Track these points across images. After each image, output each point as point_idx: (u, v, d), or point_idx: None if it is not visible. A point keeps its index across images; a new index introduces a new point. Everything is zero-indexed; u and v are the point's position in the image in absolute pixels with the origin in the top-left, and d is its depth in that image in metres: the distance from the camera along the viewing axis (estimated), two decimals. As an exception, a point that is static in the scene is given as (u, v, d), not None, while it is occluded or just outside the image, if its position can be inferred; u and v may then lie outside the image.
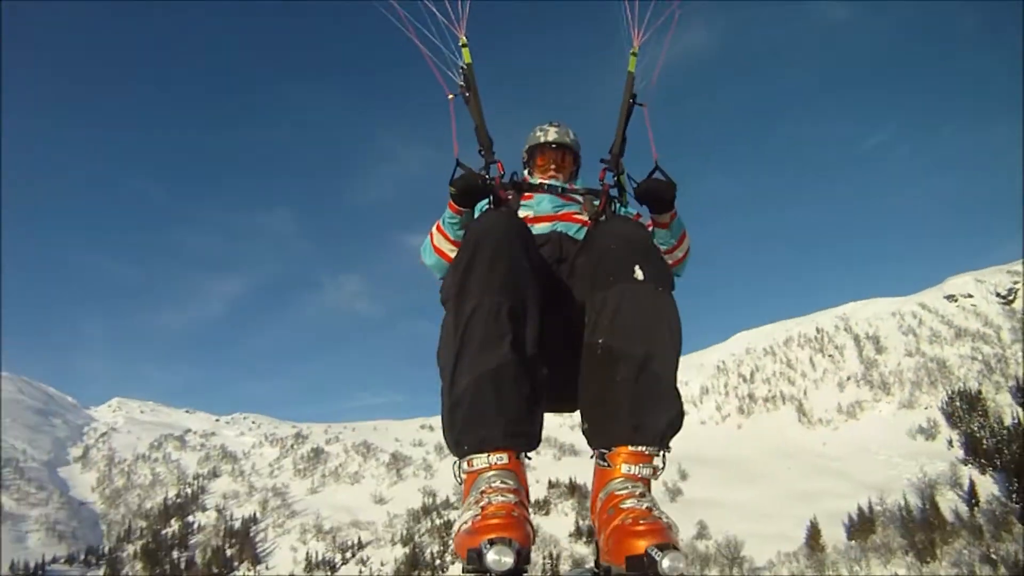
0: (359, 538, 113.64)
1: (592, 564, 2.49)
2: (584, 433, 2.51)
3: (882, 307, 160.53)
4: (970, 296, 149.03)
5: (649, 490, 2.33)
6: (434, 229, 3.30)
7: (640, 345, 2.46)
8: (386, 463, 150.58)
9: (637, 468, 2.33)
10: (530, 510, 2.25)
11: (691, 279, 3.52)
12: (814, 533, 76.18)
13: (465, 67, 3.44)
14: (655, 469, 2.37)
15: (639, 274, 2.55)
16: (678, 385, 2.51)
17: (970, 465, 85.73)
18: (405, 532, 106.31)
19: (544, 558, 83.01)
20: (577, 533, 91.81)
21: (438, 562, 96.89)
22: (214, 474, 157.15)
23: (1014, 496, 68.82)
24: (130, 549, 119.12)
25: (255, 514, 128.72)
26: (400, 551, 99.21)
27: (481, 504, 2.08)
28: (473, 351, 2.32)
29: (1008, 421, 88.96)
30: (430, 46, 3.40)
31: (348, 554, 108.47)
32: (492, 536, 1.89)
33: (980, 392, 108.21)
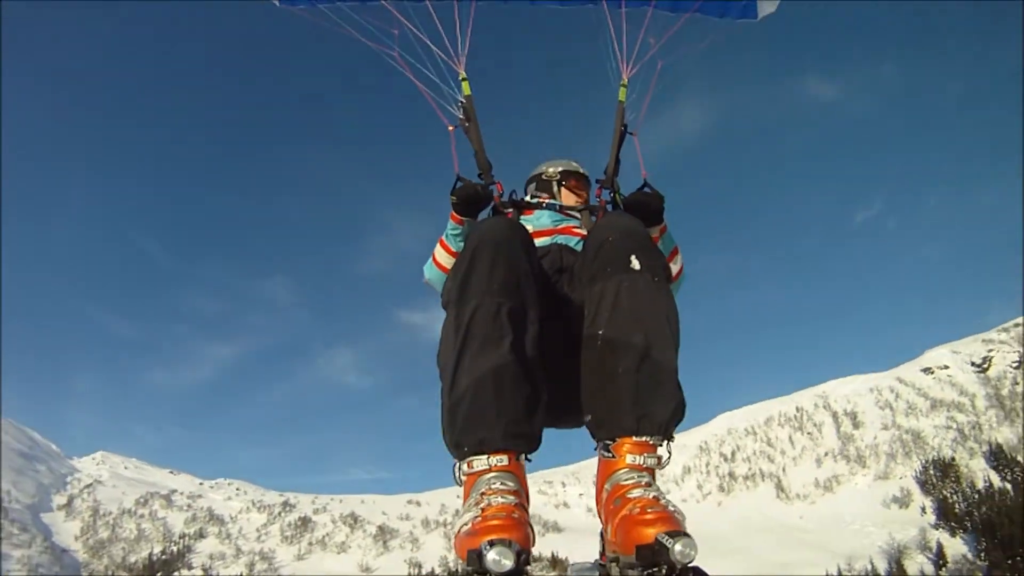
0: None
1: (596, 558, 2.66)
2: (587, 425, 2.57)
3: (860, 384, 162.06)
4: (946, 367, 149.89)
5: (654, 479, 2.36)
6: (437, 245, 3.41)
7: (640, 335, 2.49)
8: (373, 535, 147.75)
9: (642, 458, 2.35)
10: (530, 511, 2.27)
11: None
12: None
13: (465, 100, 3.62)
14: (659, 459, 2.39)
15: (636, 264, 2.62)
16: (678, 375, 2.55)
17: (940, 529, 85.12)
18: None
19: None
20: None
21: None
22: (200, 535, 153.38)
23: (981, 555, 68.55)
24: None
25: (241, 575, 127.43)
26: None
27: (481, 505, 2.08)
28: (473, 352, 2.34)
29: (980, 484, 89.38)
30: (429, 83, 3.59)
31: None
32: (492, 537, 1.87)
33: (954, 459, 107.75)
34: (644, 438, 2.34)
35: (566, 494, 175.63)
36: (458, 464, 2.27)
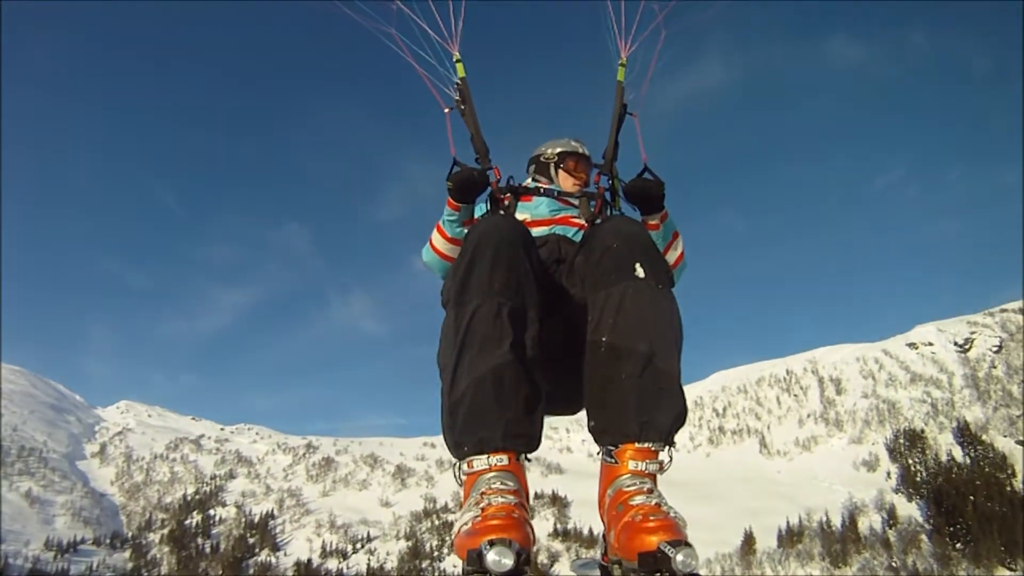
0: (368, 533, 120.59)
1: (598, 557, 2.69)
2: (590, 431, 2.52)
3: (848, 352, 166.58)
4: (930, 344, 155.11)
5: (656, 485, 2.35)
6: (434, 229, 3.36)
7: (643, 342, 2.46)
8: (391, 473, 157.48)
9: (644, 464, 2.33)
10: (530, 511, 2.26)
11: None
12: (748, 540, 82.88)
13: (460, 81, 3.54)
14: (661, 464, 2.38)
15: (640, 272, 2.59)
16: (681, 382, 2.53)
17: (899, 493, 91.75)
18: (408, 529, 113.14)
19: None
20: (555, 533, 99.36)
21: (436, 554, 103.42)
22: (231, 475, 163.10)
23: (930, 520, 75.50)
24: (155, 536, 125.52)
25: (272, 511, 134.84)
26: (403, 544, 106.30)
27: (481, 505, 2.07)
28: (473, 352, 2.32)
29: (944, 458, 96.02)
30: (425, 64, 3.48)
31: (358, 545, 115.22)
32: (492, 537, 1.86)
33: (923, 431, 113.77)
34: (647, 444, 2.36)
35: (569, 439, 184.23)
36: (458, 464, 2.29)
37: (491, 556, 1.79)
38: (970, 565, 66.87)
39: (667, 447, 2.37)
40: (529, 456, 2.32)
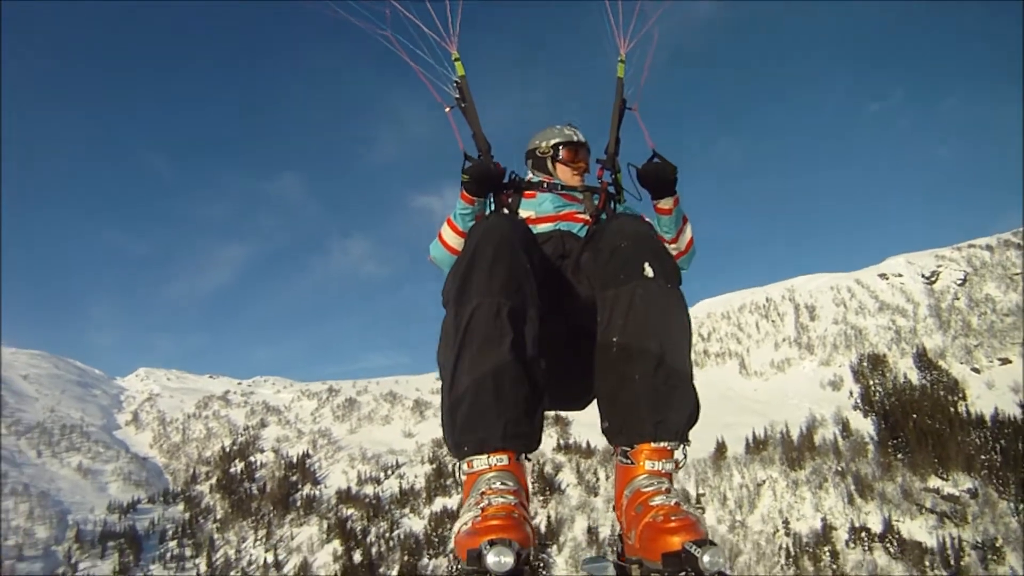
0: (396, 460, 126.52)
1: (614, 557, 2.59)
2: (604, 432, 2.51)
3: (823, 282, 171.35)
4: (900, 276, 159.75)
5: (673, 484, 2.32)
6: (444, 224, 3.27)
7: (655, 342, 2.44)
8: (410, 407, 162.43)
9: (660, 463, 2.32)
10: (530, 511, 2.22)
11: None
12: (720, 448, 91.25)
13: (459, 79, 3.54)
14: (677, 463, 2.36)
15: (649, 271, 2.56)
16: (692, 380, 2.52)
17: (857, 410, 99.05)
18: (431, 454, 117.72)
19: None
20: (558, 447, 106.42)
21: (457, 473, 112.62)
22: (262, 424, 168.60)
23: (879, 432, 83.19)
24: (202, 487, 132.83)
25: (307, 451, 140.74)
26: (428, 468, 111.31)
27: (481, 505, 2.05)
28: (473, 352, 2.29)
29: (902, 380, 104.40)
30: (423, 63, 3.46)
31: (388, 471, 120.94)
32: (492, 537, 1.84)
33: (885, 356, 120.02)
34: (662, 443, 2.33)
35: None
36: (458, 464, 2.26)
37: (491, 556, 1.77)
38: (908, 473, 74.10)
39: (682, 446, 2.39)
40: (529, 456, 2.33)
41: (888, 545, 65.36)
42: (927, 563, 61.87)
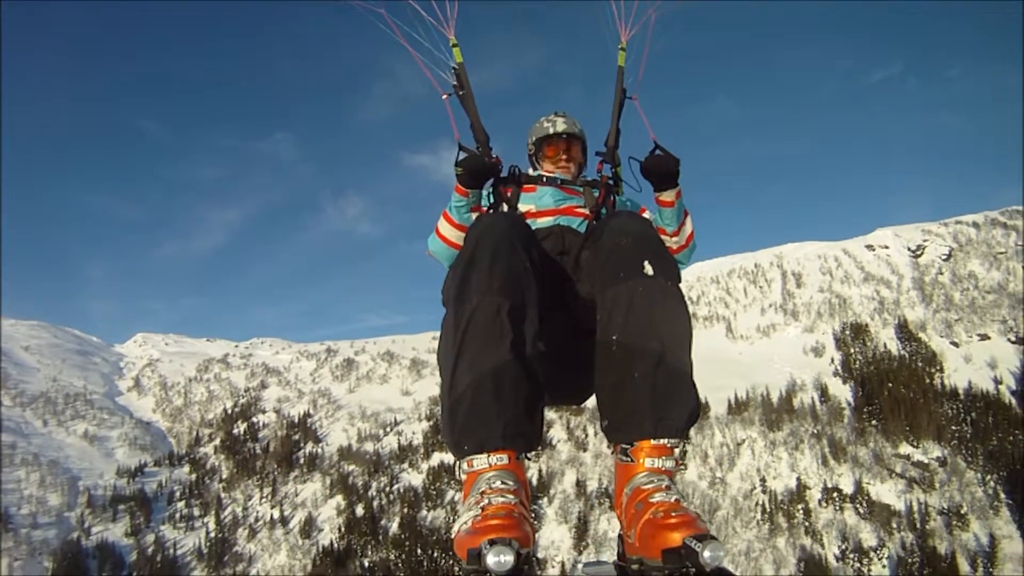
0: (394, 418, 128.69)
1: (613, 558, 2.53)
2: (603, 430, 2.50)
3: (811, 250, 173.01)
4: (886, 247, 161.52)
5: (673, 481, 2.30)
6: (440, 218, 3.22)
7: (655, 340, 2.43)
8: (407, 367, 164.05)
9: (660, 461, 2.30)
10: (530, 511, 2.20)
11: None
12: (704, 407, 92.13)
13: (457, 66, 3.49)
14: (677, 460, 2.35)
15: (649, 270, 2.55)
16: (693, 378, 2.50)
17: (837, 376, 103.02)
18: (428, 412, 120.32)
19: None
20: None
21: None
22: (263, 386, 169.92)
23: (856, 398, 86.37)
24: (207, 448, 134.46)
25: (308, 411, 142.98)
26: (426, 425, 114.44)
27: (481, 504, 2.04)
28: (473, 351, 2.28)
29: (882, 350, 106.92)
30: (420, 47, 3.37)
31: (387, 429, 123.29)
32: (492, 536, 1.83)
33: (867, 325, 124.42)
34: (662, 441, 2.31)
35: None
36: (458, 463, 2.23)
37: (491, 555, 1.76)
38: (881, 438, 77.52)
39: (682, 443, 2.38)
40: (529, 455, 2.32)
41: (858, 506, 68.71)
42: (894, 525, 65.08)
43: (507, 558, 1.75)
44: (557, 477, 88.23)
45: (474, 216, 3.07)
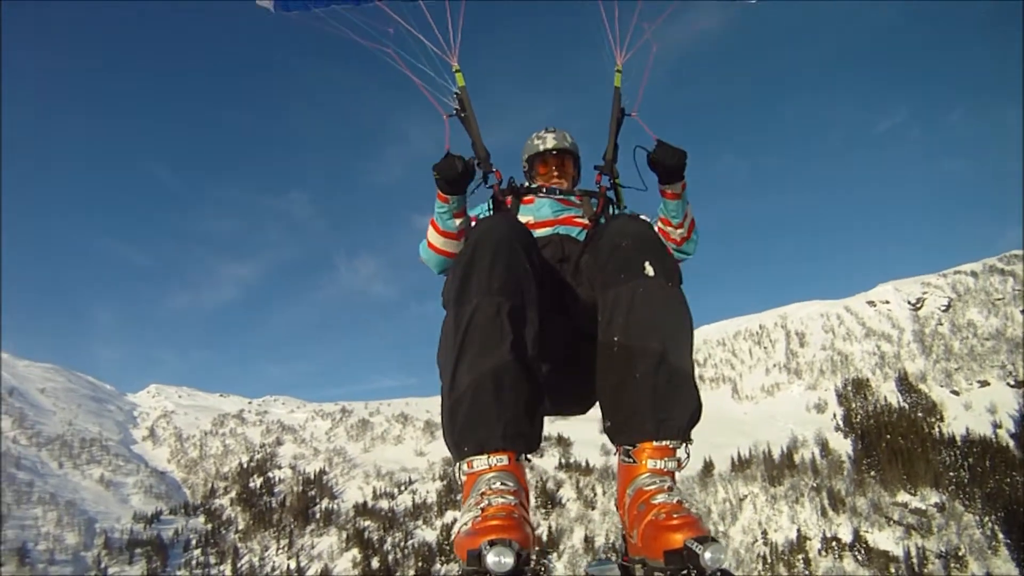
0: (409, 477, 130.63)
1: (617, 558, 2.53)
2: (606, 431, 2.42)
3: (814, 309, 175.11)
4: (887, 302, 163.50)
5: (675, 483, 2.25)
6: (428, 225, 3.17)
7: (656, 340, 2.37)
8: (421, 428, 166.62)
9: (662, 462, 2.25)
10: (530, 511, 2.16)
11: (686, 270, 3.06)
12: (708, 466, 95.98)
13: (459, 91, 3.45)
14: (679, 461, 2.29)
15: (649, 270, 2.50)
16: (695, 379, 2.42)
17: (839, 431, 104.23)
18: (442, 471, 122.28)
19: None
20: (560, 466, 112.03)
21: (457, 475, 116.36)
22: (278, 443, 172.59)
23: (857, 450, 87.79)
24: (222, 500, 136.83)
25: (323, 468, 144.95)
26: (440, 484, 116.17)
27: (481, 506, 2.00)
28: (473, 353, 2.24)
29: (883, 403, 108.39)
30: (423, 76, 3.41)
31: (402, 487, 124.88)
32: (492, 537, 1.79)
33: (868, 380, 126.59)
34: (664, 442, 2.26)
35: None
36: (458, 464, 2.18)
37: (491, 556, 1.72)
38: (879, 488, 79.10)
39: (684, 444, 2.31)
40: (529, 456, 2.26)
41: (856, 553, 70.40)
42: (892, 570, 66.95)
43: (507, 559, 1.72)
44: (567, 533, 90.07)
45: (459, 222, 3.07)
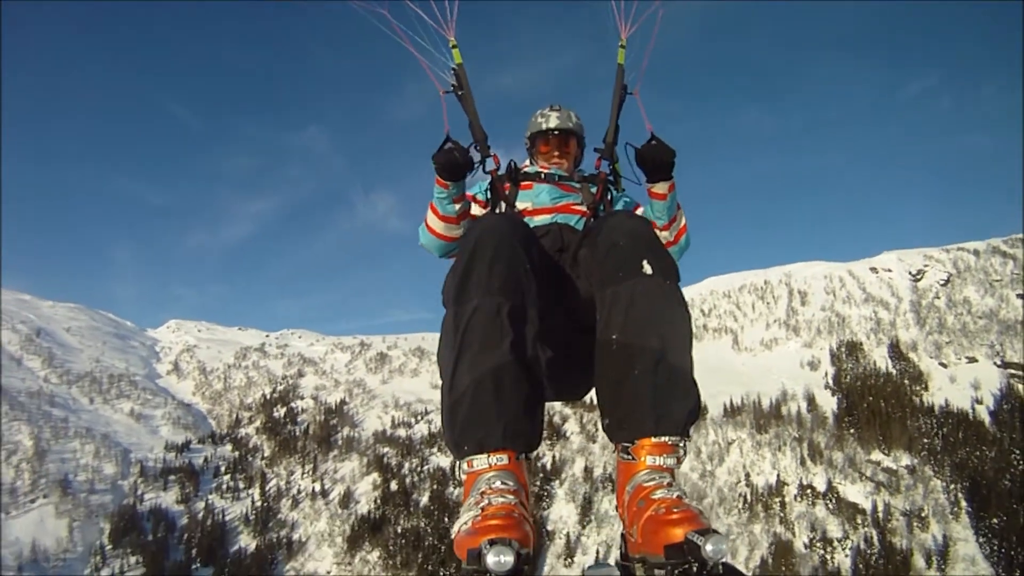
0: (425, 408, 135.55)
1: (617, 557, 2.46)
2: (604, 429, 2.43)
3: (818, 270, 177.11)
4: (889, 271, 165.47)
5: (675, 479, 2.23)
6: (428, 210, 3.15)
7: (655, 339, 2.37)
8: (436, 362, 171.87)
9: (662, 459, 2.23)
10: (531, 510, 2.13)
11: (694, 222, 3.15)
12: (702, 409, 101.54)
13: (456, 67, 3.42)
14: (678, 458, 2.27)
15: (647, 268, 2.49)
16: (693, 375, 2.43)
17: (827, 389, 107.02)
18: None
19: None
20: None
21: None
22: (299, 375, 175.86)
23: (840, 408, 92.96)
24: (248, 429, 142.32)
25: (344, 399, 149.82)
26: None
27: (481, 505, 1.99)
28: (473, 352, 2.24)
29: (872, 367, 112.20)
30: (420, 48, 3.32)
31: (418, 417, 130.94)
32: (492, 536, 1.78)
33: (862, 343, 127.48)
34: (663, 438, 2.24)
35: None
36: (458, 463, 2.17)
37: (491, 556, 1.71)
38: (856, 445, 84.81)
39: (683, 440, 2.30)
40: (529, 455, 2.25)
41: (828, 502, 76.19)
42: (859, 521, 72.19)
43: (507, 558, 1.71)
44: (568, 463, 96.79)
45: (458, 207, 3.07)
